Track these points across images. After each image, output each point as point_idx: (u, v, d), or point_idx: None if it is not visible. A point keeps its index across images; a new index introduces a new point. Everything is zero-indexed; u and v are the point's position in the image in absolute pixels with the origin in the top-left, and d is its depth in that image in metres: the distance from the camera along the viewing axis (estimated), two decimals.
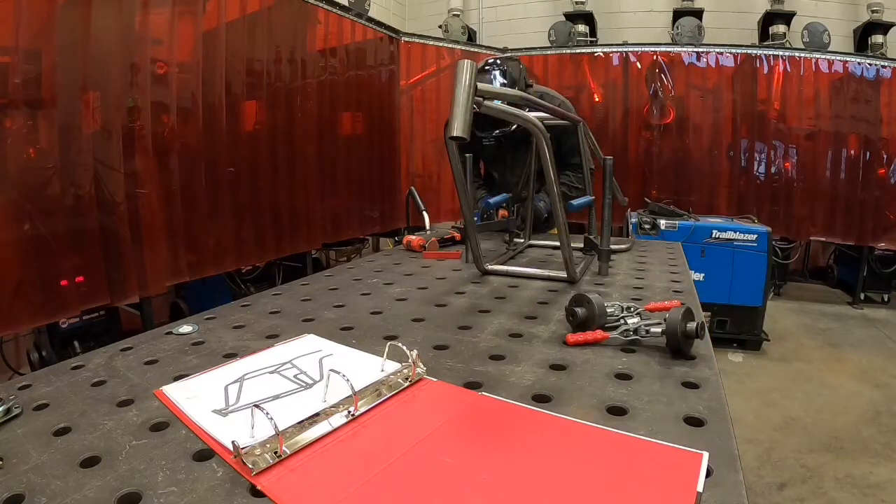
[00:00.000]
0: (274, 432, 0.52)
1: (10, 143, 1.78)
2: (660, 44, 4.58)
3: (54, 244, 1.90)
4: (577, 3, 5.14)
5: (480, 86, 0.84)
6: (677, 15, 4.91)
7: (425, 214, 2.01)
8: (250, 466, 0.50)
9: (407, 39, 4.25)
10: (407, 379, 0.69)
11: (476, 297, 1.13)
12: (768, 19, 4.82)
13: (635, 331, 0.82)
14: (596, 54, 4.62)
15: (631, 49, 4.51)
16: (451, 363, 0.77)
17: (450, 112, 0.81)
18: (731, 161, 4.54)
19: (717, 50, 4.40)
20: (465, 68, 0.83)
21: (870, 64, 4.19)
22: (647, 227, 3.58)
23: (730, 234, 3.44)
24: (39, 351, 2.23)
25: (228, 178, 2.68)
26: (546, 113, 1.34)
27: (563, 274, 1.24)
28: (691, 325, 0.77)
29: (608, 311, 0.88)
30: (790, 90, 4.30)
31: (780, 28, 4.73)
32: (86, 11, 1.95)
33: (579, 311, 0.87)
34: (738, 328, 3.47)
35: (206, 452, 0.54)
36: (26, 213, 1.82)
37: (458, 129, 0.80)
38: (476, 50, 4.76)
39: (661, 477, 0.49)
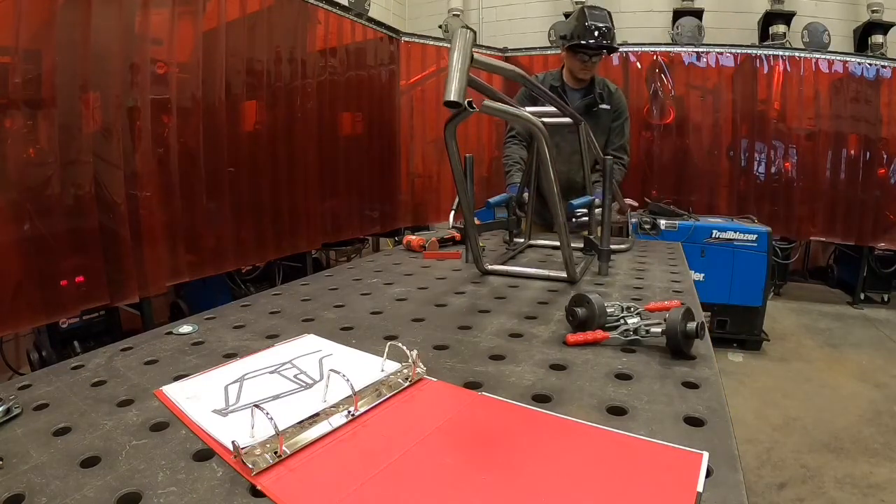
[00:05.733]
0: (274, 432, 0.52)
1: (9, 143, 1.78)
2: (660, 44, 4.58)
3: (54, 244, 1.90)
4: (576, 3, 5.14)
5: (477, 56, 0.82)
6: (677, 15, 4.91)
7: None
8: (250, 466, 0.50)
9: (407, 39, 4.25)
10: (407, 379, 0.69)
11: (476, 297, 1.13)
12: (768, 19, 4.82)
13: (635, 331, 0.82)
14: None
15: (631, 49, 4.51)
16: (451, 363, 0.77)
17: (446, 78, 0.79)
18: (731, 161, 4.54)
19: (717, 50, 4.40)
20: (462, 35, 0.81)
21: (870, 64, 4.18)
22: (647, 227, 3.57)
23: (730, 234, 3.44)
24: (39, 351, 2.23)
25: (228, 178, 2.68)
26: (546, 101, 1.34)
27: (563, 274, 1.24)
28: (691, 325, 0.77)
29: (608, 311, 0.88)
30: (790, 90, 4.30)
31: (780, 28, 4.73)
32: (86, 11, 1.95)
33: (579, 311, 0.87)
34: (738, 328, 3.47)
35: (206, 452, 0.54)
36: (26, 213, 1.82)
37: (454, 92, 0.77)
38: (476, 49, 4.75)
39: (661, 477, 0.49)
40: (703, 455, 0.51)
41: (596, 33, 2.04)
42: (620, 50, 4.51)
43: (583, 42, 2.06)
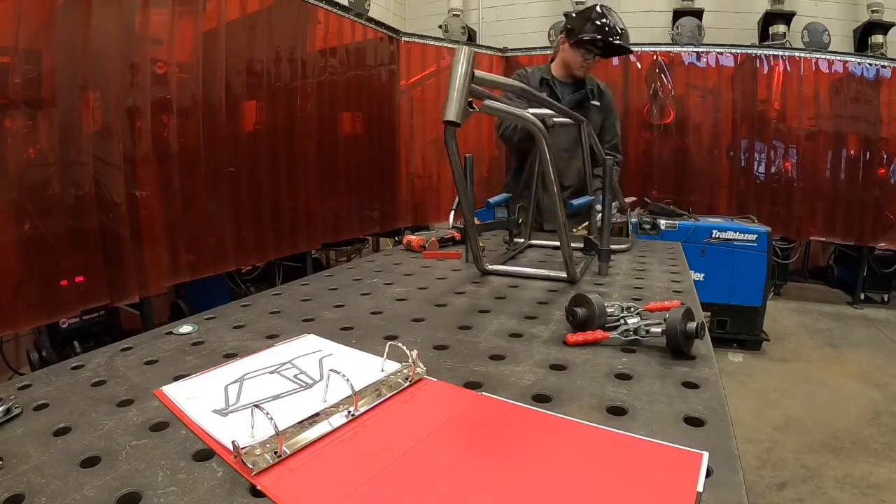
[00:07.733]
0: (274, 432, 0.52)
1: (10, 143, 1.78)
2: (660, 44, 4.58)
3: (54, 244, 1.90)
4: (576, 3, 5.14)
5: (478, 73, 0.83)
6: (677, 15, 4.91)
7: None
8: (250, 466, 0.50)
9: (407, 39, 4.25)
10: (407, 379, 0.69)
11: (476, 297, 1.13)
12: (768, 19, 4.82)
13: (635, 331, 0.82)
14: None
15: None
16: (451, 363, 0.77)
17: (446, 97, 0.81)
18: (731, 161, 4.54)
19: (717, 50, 4.40)
20: (464, 54, 0.83)
21: (870, 64, 4.19)
22: (647, 227, 3.58)
23: (730, 234, 3.44)
24: (39, 351, 2.23)
25: (228, 177, 2.68)
26: (549, 109, 1.34)
27: (563, 274, 1.24)
28: (691, 325, 0.77)
29: (608, 311, 0.88)
30: (790, 90, 4.30)
31: (780, 28, 4.73)
32: (86, 11, 1.95)
33: (579, 311, 0.87)
34: (738, 328, 3.47)
35: (206, 452, 0.54)
36: (26, 213, 1.82)
37: (453, 113, 0.79)
38: (476, 50, 4.75)
39: (661, 477, 0.49)
40: (703, 455, 0.51)
41: (620, 31, 1.98)
42: None
43: (600, 38, 1.97)
